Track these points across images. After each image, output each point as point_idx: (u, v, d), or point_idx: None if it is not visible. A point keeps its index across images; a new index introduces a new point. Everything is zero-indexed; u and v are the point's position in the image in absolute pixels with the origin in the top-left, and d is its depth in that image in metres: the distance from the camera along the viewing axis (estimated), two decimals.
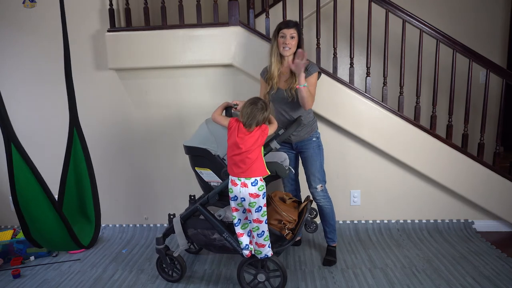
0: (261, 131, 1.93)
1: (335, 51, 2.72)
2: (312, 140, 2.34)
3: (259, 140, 1.91)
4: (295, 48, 2.22)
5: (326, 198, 2.40)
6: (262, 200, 1.93)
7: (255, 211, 1.92)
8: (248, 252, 2.04)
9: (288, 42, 2.18)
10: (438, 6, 3.28)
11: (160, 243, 2.25)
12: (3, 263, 2.58)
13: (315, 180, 2.35)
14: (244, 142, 1.89)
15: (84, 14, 2.78)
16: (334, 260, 2.44)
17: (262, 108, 1.92)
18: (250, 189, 1.90)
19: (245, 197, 1.91)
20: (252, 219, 1.95)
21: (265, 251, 2.00)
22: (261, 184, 1.92)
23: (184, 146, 2.20)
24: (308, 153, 2.35)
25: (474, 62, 2.64)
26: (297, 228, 2.15)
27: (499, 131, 2.75)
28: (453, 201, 2.88)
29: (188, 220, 2.23)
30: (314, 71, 2.24)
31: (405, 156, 2.74)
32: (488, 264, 2.37)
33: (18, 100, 2.94)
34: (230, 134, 1.95)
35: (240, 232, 2.03)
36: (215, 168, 2.11)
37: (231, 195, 1.96)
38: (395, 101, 2.77)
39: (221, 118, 2.07)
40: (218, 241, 2.16)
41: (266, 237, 1.99)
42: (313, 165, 2.34)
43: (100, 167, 3.00)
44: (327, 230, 2.48)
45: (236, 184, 1.92)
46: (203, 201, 2.17)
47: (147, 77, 2.85)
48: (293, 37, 2.19)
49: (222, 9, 3.03)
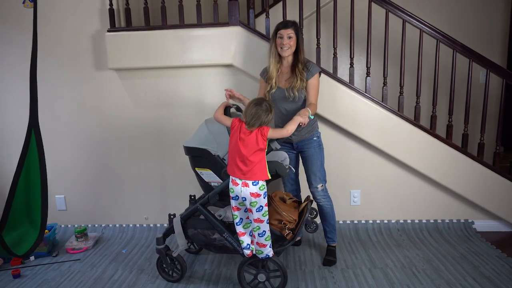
0: (259, 131, 1.90)
1: (335, 51, 2.72)
2: (313, 140, 2.34)
3: (259, 141, 1.89)
4: (294, 48, 2.22)
5: (327, 198, 2.40)
6: (263, 199, 1.93)
7: (256, 210, 1.92)
8: (249, 252, 2.03)
9: (286, 42, 2.19)
10: (438, 6, 3.28)
11: (160, 243, 2.25)
12: (3, 263, 2.57)
13: (316, 180, 2.35)
14: (245, 144, 1.88)
15: (84, 14, 2.78)
16: (334, 260, 2.44)
17: (267, 110, 1.90)
18: (251, 188, 1.90)
19: (246, 196, 1.91)
20: (253, 219, 1.95)
21: (266, 251, 1.99)
22: (262, 184, 1.92)
23: (184, 147, 2.20)
24: (309, 153, 2.35)
25: (474, 62, 2.64)
26: (297, 228, 2.15)
27: (499, 131, 2.75)
28: (453, 201, 2.88)
29: (188, 220, 2.23)
30: (316, 71, 2.24)
31: (405, 156, 2.74)
32: (488, 264, 2.37)
33: (15, 99, 2.94)
34: (232, 134, 1.95)
35: (241, 232, 2.03)
36: (215, 168, 2.11)
37: (232, 194, 1.96)
38: (395, 101, 2.77)
39: (224, 117, 2.05)
40: (218, 241, 2.16)
41: (268, 237, 1.98)
42: (313, 164, 2.34)
43: (100, 167, 3.02)
44: (327, 229, 2.48)
45: (237, 184, 1.92)
46: (204, 201, 2.17)
47: (147, 77, 2.84)
48: (291, 37, 2.19)
49: (222, 9, 3.04)
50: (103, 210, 3.08)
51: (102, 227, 3.09)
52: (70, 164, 3.00)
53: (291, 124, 1.96)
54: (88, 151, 3.00)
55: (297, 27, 2.23)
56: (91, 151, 3.00)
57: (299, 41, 2.23)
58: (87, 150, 3.00)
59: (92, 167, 3.02)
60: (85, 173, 3.03)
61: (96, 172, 3.03)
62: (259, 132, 1.89)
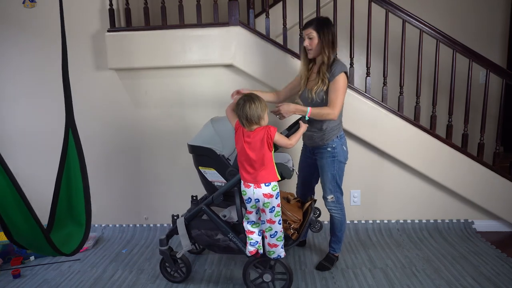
0: (265, 130, 1.86)
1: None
2: (326, 150, 2.20)
3: (265, 141, 1.85)
4: (316, 49, 2.10)
5: (338, 210, 2.30)
6: (275, 200, 1.93)
7: (269, 211, 1.92)
8: (253, 249, 2.02)
9: (307, 43, 2.11)
10: (438, 6, 3.28)
11: (163, 244, 2.22)
12: (3, 263, 2.58)
13: (326, 190, 2.27)
14: (251, 147, 1.87)
15: (84, 14, 2.78)
16: (329, 267, 2.37)
17: (245, 102, 1.84)
18: (263, 189, 1.89)
19: (259, 198, 1.90)
20: (266, 220, 1.94)
21: (278, 252, 1.99)
22: (274, 184, 1.92)
23: (188, 145, 2.18)
24: (321, 163, 2.24)
25: (474, 62, 2.64)
26: (302, 227, 2.15)
27: (499, 131, 2.75)
28: (453, 201, 2.88)
29: (192, 221, 2.21)
30: (338, 72, 2.05)
31: (405, 156, 2.74)
32: (488, 264, 2.37)
33: (18, 101, 2.94)
34: (237, 138, 1.93)
35: (250, 230, 2.02)
36: (220, 168, 2.09)
37: (244, 197, 1.95)
38: (395, 101, 2.77)
39: (232, 115, 2.02)
40: (222, 242, 2.15)
41: (279, 238, 1.98)
42: (324, 175, 2.24)
43: (100, 167, 3.02)
44: (332, 239, 2.41)
45: (249, 186, 1.91)
46: (208, 202, 2.15)
47: (147, 77, 2.84)
48: (311, 37, 2.08)
49: (222, 9, 3.03)
50: (103, 210, 3.08)
51: (102, 227, 3.09)
52: None
53: (296, 135, 1.97)
54: (88, 151, 2.97)
55: (320, 25, 2.07)
56: (91, 151, 2.98)
57: (324, 38, 2.06)
58: (86, 150, 2.95)
59: (92, 167, 3.00)
60: None
61: (96, 172, 3.02)
62: (266, 133, 1.86)
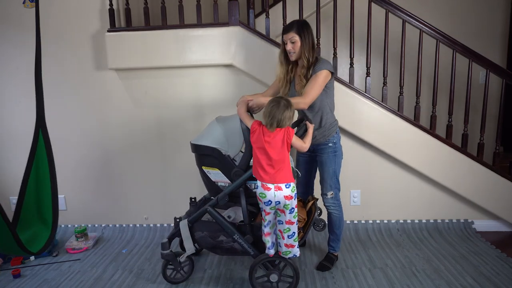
0: (284, 131, 1.88)
1: (335, 51, 2.72)
2: (328, 146, 2.23)
3: (285, 142, 1.88)
4: (298, 52, 2.12)
5: (336, 207, 2.31)
6: (294, 201, 1.93)
7: (289, 212, 1.92)
8: (273, 252, 2.03)
9: (289, 47, 2.12)
10: (438, 6, 3.28)
11: (166, 248, 2.17)
12: (3, 263, 2.58)
13: (326, 187, 2.28)
14: (272, 146, 1.87)
15: (84, 14, 2.78)
16: (329, 266, 2.37)
17: (284, 106, 1.86)
18: (285, 191, 1.89)
19: (280, 200, 1.90)
20: (285, 221, 1.94)
21: (294, 251, 2.00)
22: (293, 186, 1.92)
23: (193, 144, 2.12)
24: (322, 158, 2.25)
25: (474, 62, 2.64)
26: (306, 226, 2.15)
27: (499, 131, 2.75)
28: (453, 201, 2.89)
29: (195, 223, 2.17)
30: (319, 69, 2.08)
31: (405, 156, 2.75)
32: (488, 264, 2.37)
33: (18, 101, 2.94)
34: (256, 138, 1.92)
35: (268, 232, 2.02)
36: (225, 168, 2.06)
37: (264, 200, 1.92)
38: (395, 101, 2.77)
39: (247, 116, 2.01)
40: (226, 243, 2.13)
41: (296, 238, 1.99)
42: (325, 171, 2.26)
43: (100, 167, 3.02)
44: (330, 237, 2.41)
45: (269, 189, 1.89)
46: (213, 203, 2.12)
47: (147, 77, 2.84)
48: (294, 41, 2.09)
49: (222, 9, 3.04)
50: (103, 210, 3.08)
51: (102, 227, 3.09)
52: (70, 164, 3.00)
53: (308, 137, 2.00)
54: (88, 151, 3.00)
55: (300, 28, 2.09)
56: (91, 151, 3.00)
57: (304, 41, 2.09)
58: (87, 150, 3.00)
59: (92, 167, 3.02)
60: (85, 173, 3.02)
61: (96, 172, 3.02)
62: (285, 134, 1.88)
